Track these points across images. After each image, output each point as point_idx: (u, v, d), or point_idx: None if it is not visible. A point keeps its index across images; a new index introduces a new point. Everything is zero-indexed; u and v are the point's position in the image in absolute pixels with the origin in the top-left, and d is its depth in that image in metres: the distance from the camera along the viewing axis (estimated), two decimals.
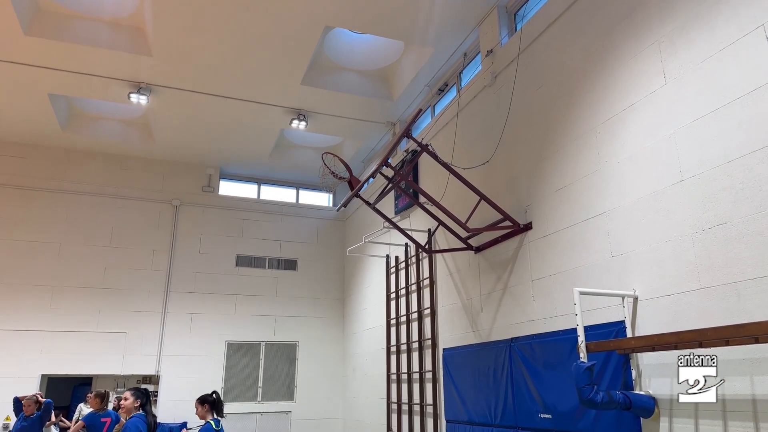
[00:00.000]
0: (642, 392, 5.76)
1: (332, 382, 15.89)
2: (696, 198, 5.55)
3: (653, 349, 5.51)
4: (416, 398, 11.16)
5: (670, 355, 5.55)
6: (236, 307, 15.56)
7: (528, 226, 8.11)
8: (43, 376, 13.61)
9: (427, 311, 11.07)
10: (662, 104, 6.08)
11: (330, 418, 15.53)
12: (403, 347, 12.03)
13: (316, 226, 17.11)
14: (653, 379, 5.76)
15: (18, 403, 9.86)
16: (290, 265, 16.53)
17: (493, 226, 8.41)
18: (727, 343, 4.68)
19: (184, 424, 13.75)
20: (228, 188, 16.81)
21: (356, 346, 15.19)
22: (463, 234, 9.20)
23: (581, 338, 5.72)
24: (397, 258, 12.90)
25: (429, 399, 10.59)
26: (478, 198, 8.21)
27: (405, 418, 11.59)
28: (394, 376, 12.30)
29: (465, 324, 9.69)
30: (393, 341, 12.56)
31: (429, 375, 10.69)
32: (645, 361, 5.89)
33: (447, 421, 9.75)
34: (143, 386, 6.19)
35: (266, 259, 16.33)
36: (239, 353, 15.35)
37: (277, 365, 15.60)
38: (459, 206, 9.21)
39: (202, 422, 6.54)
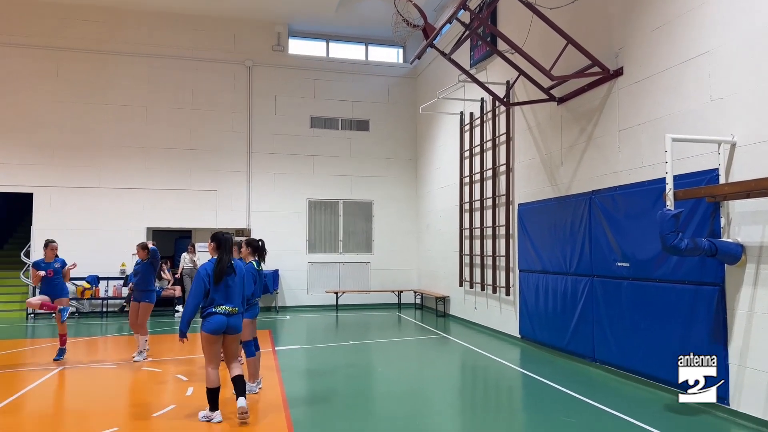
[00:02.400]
0: (730, 240, 5.63)
1: (407, 237, 16.63)
2: None
3: (747, 196, 5.26)
4: (489, 251, 11.54)
5: (764, 202, 5.31)
6: (314, 167, 16.11)
7: (618, 72, 7.55)
8: (148, 228, 15.13)
9: (503, 168, 10.99)
10: None
11: (405, 268, 16.52)
12: (477, 204, 12.21)
13: (387, 84, 16.79)
14: (743, 227, 5.58)
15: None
16: (362, 125, 16.61)
17: (580, 74, 7.89)
18: None
19: (276, 272, 15.11)
20: (297, 47, 16.56)
21: (429, 204, 15.58)
22: (546, 84, 8.74)
23: (669, 186, 5.54)
24: (471, 114, 12.60)
25: (502, 252, 10.93)
26: (565, 42, 7.64)
27: (477, 270, 12.11)
28: (466, 232, 12.67)
29: (542, 179, 9.59)
30: (466, 198, 12.74)
31: (502, 230, 10.91)
32: (736, 209, 5.68)
33: (520, 271, 10.12)
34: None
35: (339, 120, 16.46)
36: (320, 210, 16.21)
37: (355, 221, 16.42)
38: (542, 53, 8.64)
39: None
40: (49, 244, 8.63)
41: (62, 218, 14.26)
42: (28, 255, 14.37)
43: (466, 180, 12.73)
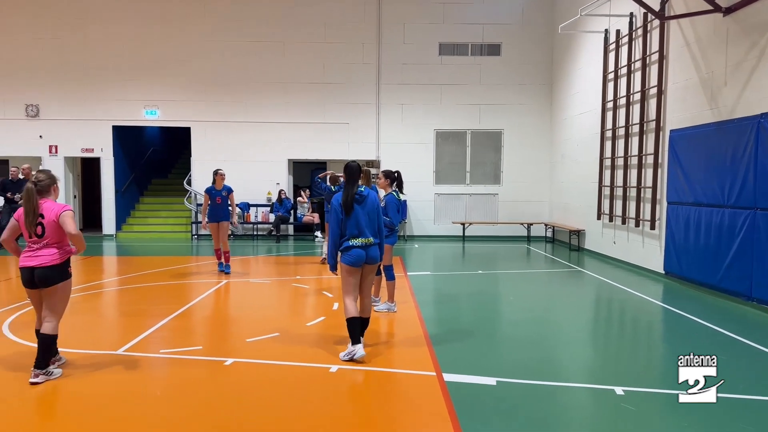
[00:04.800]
0: None
1: (538, 168, 16.04)
2: None
3: None
4: (632, 182, 10.79)
5: None
6: (442, 97, 15.90)
7: None
8: (289, 160, 16.17)
9: (653, 90, 10.00)
10: None
11: (536, 200, 16.06)
12: (621, 131, 11.34)
13: (521, 4, 15.74)
14: None
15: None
16: (493, 50, 15.90)
17: None
18: None
19: (404, 202, 15.52)
20: None
21: (565, 133, 14.77)
22: None
23: None
24: (618, 32, 11.48)
25: (648, 182, 10.16)
26: None
27: (618, 202, 11.43)
28: (608, 161, 11.90)
29: (700, 102, 8.61)
30: (608, 125, 11.87)
31: (649, 159, 10.08)
32: None
33: (669, 203, 9.38)
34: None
35: (468, 46, 15.90)
36: (447, 141, 16.12)
37: (483, 152, 16.13)
38: None
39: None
40: (218, 173, 9.58)
41: (215, 150, 15.70)
42: (189, 183, 16.15)
43: (610, 105, 11.81)
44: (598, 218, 12.27)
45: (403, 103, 15.89)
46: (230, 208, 9.63)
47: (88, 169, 17.20)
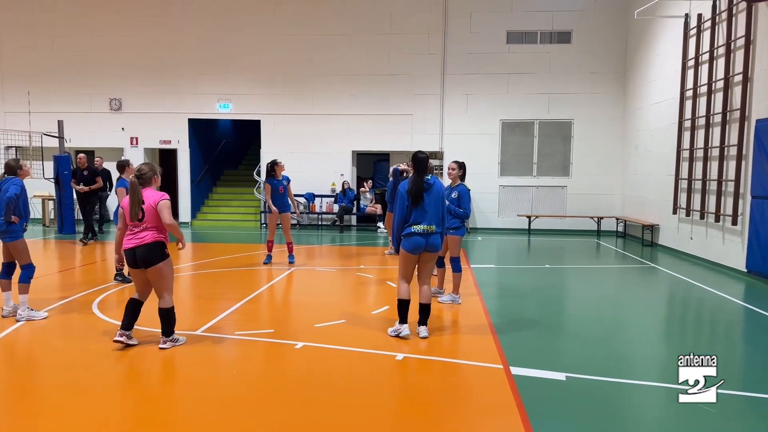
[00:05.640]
0: None
1: (610, 160, 15.45)
2: None
3: None
4: (713, 175, 10.20)
5: None
6: (509, 86, 15.59)
7: None
8: (352, 151, 16.39)
9: (738, 78, 9.38)
10: None
11: (607, 194, 15.48)
12: (701, 121, 10.73)
13: None
14: None
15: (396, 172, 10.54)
16: (564, 37, 15.40)
17: None
18: None
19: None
20: None
21: (639, 123, 14.12)
22: None
23: None
24: (699, 16, 10.84)
25: (730, 175, 9.58)
26: None
27: (696, 196, 10.84)
28: (686, 153, 11.29)
29: None
30: (687, 115, 11.26)
31: (732, 150, 9.49)
32: None
33: (753, 197, 8.80)
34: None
35: (537, 34, 15.48)
36: (513, 132, 15.81)
37: (551, 143, 15.71)
38: None
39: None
40: (277, 163, 9.84)
41: (283, 142, 16.14)
42: (258, 174, 16.71)
43: (689, 93, 11.19)
44: (674, 213, 11.69)
45: (468, 93, 15.71)
46: (288, 199, 9.72)
47: (165, 160, 18.12)
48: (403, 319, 5.31)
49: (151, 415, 3.77)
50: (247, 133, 19.00)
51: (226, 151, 19.23)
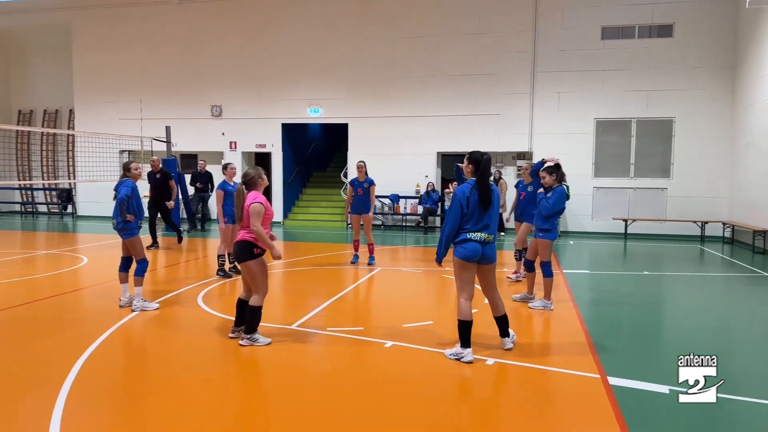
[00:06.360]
0: None
1: (716, 160, 14.34)
2: None
3: None
4: None
5: None
6: (603, 83, 14.92)
7: None
8: (437, 153, 16.38)
9: None
10: None
11: (712, 196, 14.38)
12: None
13: None
14: None
15: (458, 169, 10.85)
16: (665, 31, 14.50)
17: None
18: None
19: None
20: None
21: (751, 120, 12.99)
22: None
23: None
24: None
25: None
26: None
27: None
28: None
29: None
30: None
31: None
32: None
33: None
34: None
35: (635, 28, 14.70)
36: (608, 131, 15.10)
37: (650, 142, 14.84)
38: None
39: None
40: (357, 165, 9.99)
41: (369, 144, 16.44)
42: (345, 175, 17.13)
43: None
44: None
45: (560, 92, 15.21)
46: (369, 201, 9.72)
47: (260, 163, 19.04)
48: (465, 343, 4.71)
49: (250, 402, 3.99)
50: (335, 136, 19.54)
51: (315, 154, 19.89)
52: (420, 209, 15.96)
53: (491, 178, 4.87)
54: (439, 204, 16.02)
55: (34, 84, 20.48)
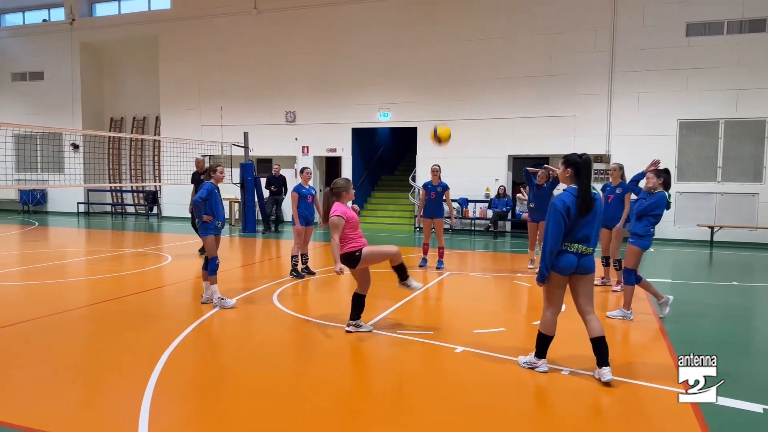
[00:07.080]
0: None
1: None
2: None
3: None
4: None
5: None
6: (688, 83, 14.11)
7: None
8: (509, 156, 16.08)
9: None
10: None
11: None
12: None
13: None
14: None
15: (527, 173, 10.13)
16: (757, 26, 13.53)
17: None
18: None
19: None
20: None
21: None
22: None
23: None
24: None
25: None
26: None
27: None
28: None
29: None
30: None
31: None
32: None
33: None
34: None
35: (724, 23, 13.80)
36: (693, 132, 14.26)
37: (740, 144, 13.88)
38: None
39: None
40: (432, 168, 9.98)
41: (438, 147, 16.31)
42: (413, 179, 17.16)
43: None
44: None
45: (640, 92, 14.53)
46: (445, 204, 9.76)
47: (330, 167, 19.45)
48: (540, 354, 4.55)
49: (326, 400, 4.08)
50: (403, 139, 19.62)
51: (384, 158, 20.06)
52: (490, 213, 15.72)
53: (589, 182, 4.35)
54: (510, 208, 15.71)
55: (125, 93, 21.98)
